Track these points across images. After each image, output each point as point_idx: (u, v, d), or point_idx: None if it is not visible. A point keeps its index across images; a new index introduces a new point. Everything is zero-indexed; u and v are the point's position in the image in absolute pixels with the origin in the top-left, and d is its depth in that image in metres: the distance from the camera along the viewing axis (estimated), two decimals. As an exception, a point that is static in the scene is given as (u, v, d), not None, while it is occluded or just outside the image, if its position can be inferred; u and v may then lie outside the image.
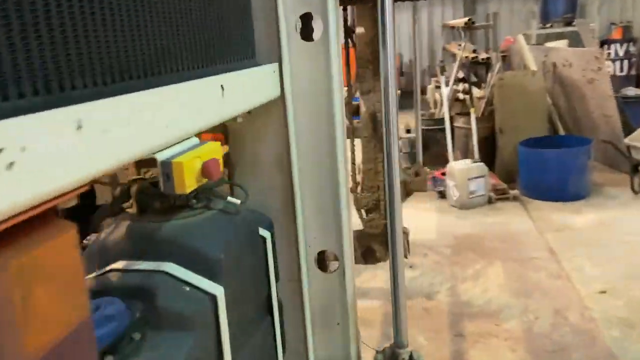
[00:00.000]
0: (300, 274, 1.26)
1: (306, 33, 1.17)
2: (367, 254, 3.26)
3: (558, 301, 3.33)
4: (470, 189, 5.28)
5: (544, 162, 5.34)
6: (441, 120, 6.32)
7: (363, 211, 3.14)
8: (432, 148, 6.55)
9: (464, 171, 5.27)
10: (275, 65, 1.13)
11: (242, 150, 1.24)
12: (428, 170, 3.26)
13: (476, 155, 5.93)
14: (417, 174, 3.21)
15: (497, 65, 6.05)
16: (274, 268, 1.25)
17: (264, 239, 1.17)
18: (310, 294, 1.30)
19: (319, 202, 1.24)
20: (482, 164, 5.39)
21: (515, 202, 5.34)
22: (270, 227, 1.22)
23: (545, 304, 3.31)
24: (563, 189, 5.26)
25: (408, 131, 6.78)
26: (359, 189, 3.12)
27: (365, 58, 2.95)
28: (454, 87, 6.81)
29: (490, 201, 5.40)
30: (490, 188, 5.52)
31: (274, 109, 1.17)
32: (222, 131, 1.24)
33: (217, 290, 0.90)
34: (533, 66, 6.50)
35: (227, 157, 1.27)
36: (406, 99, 9.48)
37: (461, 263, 4.02)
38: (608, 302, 3.30)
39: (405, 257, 3.29)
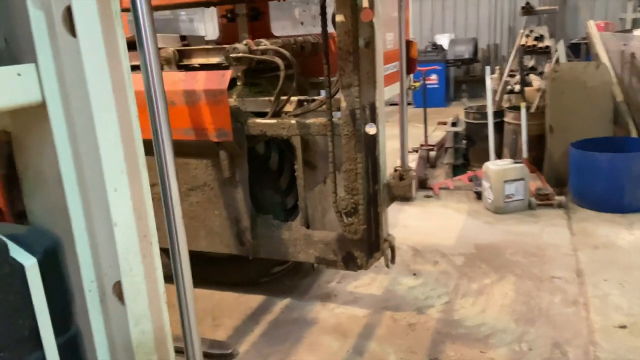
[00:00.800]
0: (86, 305, 1.12)
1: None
2: (347, 260, 3.05)
3: (563, 332, 2.90)
4: (506, 192, 4.80)
5: (596, 166, 4.70)
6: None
7: (343, 214, 2.91)
8: (478, 143, 6.05)
9: (499, 172, 4.79)
10: (28, 66, 0.97)
11: (26, 163, 1.11)
12: (414, 174, 2.94)
13: (525, 154, 5.39)
14: (401, 178, 2.91)
15: (555, 55, 5.39)
16: (60, 297, 1.12)
17: (21, 267, 1.03)
18: (109, 328, 1.16)
19: (109, 227, 1.09)
20: (522, 165, 4.86)
21: (559, 210, 4.78)
22: (45, 252, 1.08)
23: (547, 333, 2.90)
24: (617, 199, 4.62)
25: (454, 124, 6.31)
26: (338, 190, 2.89)
27: (345, 49, 2.69)
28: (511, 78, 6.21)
29: (530, 207, 4.88)
30: (533, 192, 4.98)
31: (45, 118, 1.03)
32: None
33: None
34: (603, 56, 5.74)
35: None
36: (479, 88, 8.84)
37: (470, 275, 3.65)
38: (625, 339, 2.82)
39: (387, 266, 3.02)
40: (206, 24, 13.90)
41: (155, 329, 1.17)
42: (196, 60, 3.38)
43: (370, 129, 2.75)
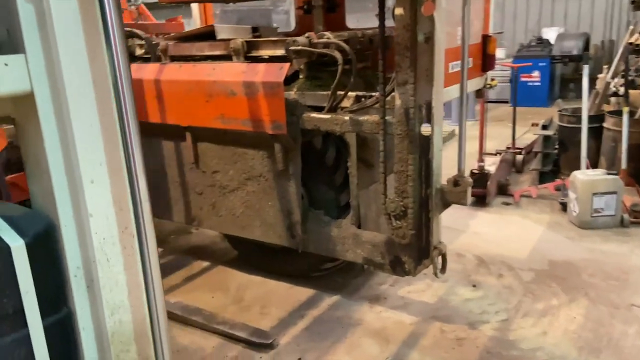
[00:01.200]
0: (72, 290, 1.16)
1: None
2: (395, 264, 2.94)
3: (632, 370, 2.57)
4: (594, 206, 4.34)
5: None
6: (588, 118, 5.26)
7: (392, 217, 2.80)
8: (571, 150, 5.54)
9: (588, 183, 4.34)
10: (17, 56, 1.01)
11: (26, 149, 1.17)
12: (470, 180, 2.72)
13: (623, 165, 4.84)
14: (456, 184, 2.72)
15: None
16: (51, 278, 1.18)
17: (7, 248, 1.09)
18: (96, 315, 1.19)
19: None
20: (615, 177, 4.37)
21: (657, 230, 4.25)
22: (36, 235, 1.14)
23: (612, 369, 2.59)
24: None
25: (544, 127, 5.82)
26: (388, 192, 2.78)
27: (403, 44, 2.57)
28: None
29: (622, 224, 4.38)
30: (627, 208, 4.46)
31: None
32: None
33: None
34: None
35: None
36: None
37: (536, 294, 3.36)
38: None
39: (436, 275, 2.86)
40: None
41: (135, 320, 1.19)
42: (264, 52, 3.40)
43: (426, 130, 2.61)
